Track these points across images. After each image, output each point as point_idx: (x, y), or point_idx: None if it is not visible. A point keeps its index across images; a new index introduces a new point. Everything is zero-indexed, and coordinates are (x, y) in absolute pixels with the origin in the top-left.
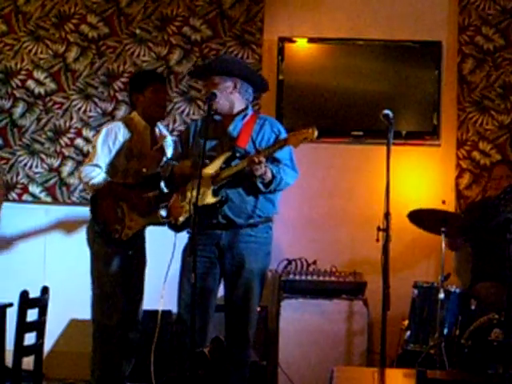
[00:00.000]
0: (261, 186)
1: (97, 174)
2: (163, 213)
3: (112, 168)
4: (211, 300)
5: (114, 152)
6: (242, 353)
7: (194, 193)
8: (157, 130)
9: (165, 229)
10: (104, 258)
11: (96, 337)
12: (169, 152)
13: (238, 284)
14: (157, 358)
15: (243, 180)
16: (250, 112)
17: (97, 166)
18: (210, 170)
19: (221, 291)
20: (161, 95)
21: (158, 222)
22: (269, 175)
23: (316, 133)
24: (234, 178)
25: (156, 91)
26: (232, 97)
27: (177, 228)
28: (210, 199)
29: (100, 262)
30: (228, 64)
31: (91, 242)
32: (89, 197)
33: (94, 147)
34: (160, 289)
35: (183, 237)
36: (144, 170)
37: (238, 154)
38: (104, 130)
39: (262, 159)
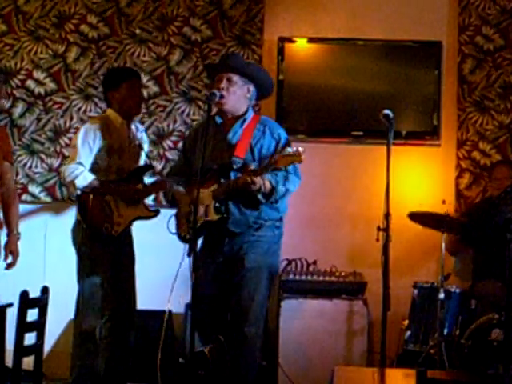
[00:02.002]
0: (261, 197)
1: (80, 172)
2: (172, 227)
3: (94, 166)
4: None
5: (94, 150)
6: (238, 350)
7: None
8: (133, 127)
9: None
10: (91, 259)
11: (75, 338)
12: (145, 147)
13: (236, 282)
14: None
15: (242, 193)
16: (249, 116)
17: (80, 164)
18: (210, 184)
19: None
20: (136, 91)
21: (146, 216)
22: (268, 187)
23: (303, 156)
24: (233, 192)
25: (131, 87)
26: (242, 100)
27: (185, 241)
28: (212, 216)
29: (87, 263)
30: (250, 67)
31: (78, 242)
32: (74, 196)
33: (74, 147)
34: (161, 289)
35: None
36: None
37: (235, 166)
38: (83, 129)
39: (255, 179)
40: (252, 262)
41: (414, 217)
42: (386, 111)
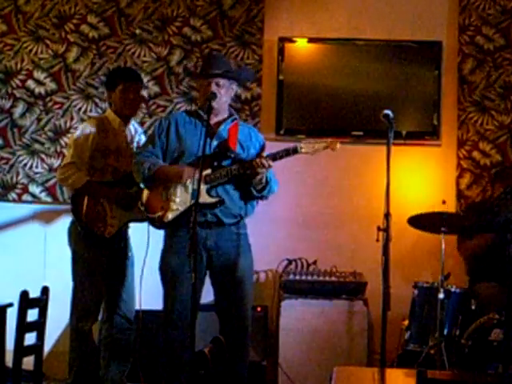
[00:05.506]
0: (254, 190)
1: (73, 172)
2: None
3: (90, 166)
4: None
5: (89, 150)
6: (244, 352)
7: (184, 192)
8: (132, 128)
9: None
10: (86, 260)
11: (72, 339)
12: None
13: (232, 282)
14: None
15: (237, 183)
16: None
17: (74, 164)
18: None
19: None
20: (130, 94)
21: (140, 219)
22: (263, 180)
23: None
24: (229, 180)
25: (125, 89)
26: (228, 100)
27: (161, 225)
28: (207, 199)
29: (82, 265)
30: (234, 71)
31: (73, 242)
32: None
33: (69, 147)
34: (161, 289)
35: (159, 234)
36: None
37: (232, 155)
38: (78, 129)
39: (272, 164)
40: (242, 261)
41: (414, 221)
42: (386, 111)
